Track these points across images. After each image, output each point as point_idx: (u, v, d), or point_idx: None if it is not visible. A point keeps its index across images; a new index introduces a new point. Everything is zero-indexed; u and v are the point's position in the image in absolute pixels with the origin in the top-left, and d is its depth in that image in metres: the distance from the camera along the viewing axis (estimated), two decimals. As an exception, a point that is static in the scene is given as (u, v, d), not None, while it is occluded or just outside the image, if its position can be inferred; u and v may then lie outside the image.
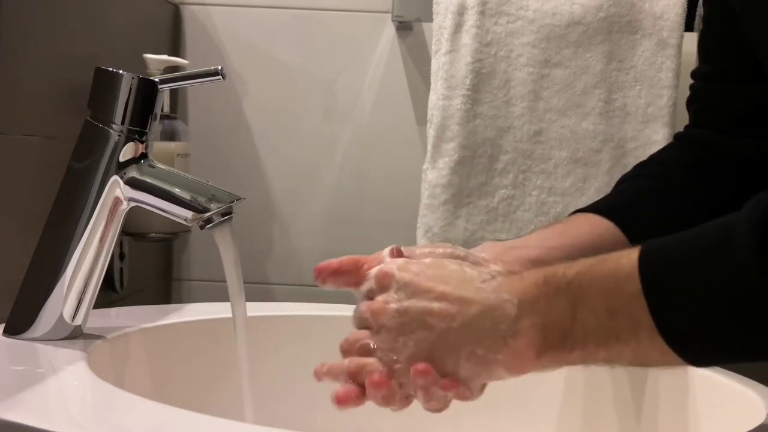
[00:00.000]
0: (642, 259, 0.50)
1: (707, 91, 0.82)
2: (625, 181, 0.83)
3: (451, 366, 0.56)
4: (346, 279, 0.64)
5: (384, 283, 0.60)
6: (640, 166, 0.84)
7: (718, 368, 0.76)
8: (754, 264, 0.44)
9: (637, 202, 0.78)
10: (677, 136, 0.85)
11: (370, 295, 0.62)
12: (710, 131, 0.81)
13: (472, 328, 0.55)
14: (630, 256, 0.50)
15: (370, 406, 0.89)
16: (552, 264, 0.55)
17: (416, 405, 0.63)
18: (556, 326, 0.53)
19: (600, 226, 0.76)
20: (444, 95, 1.06)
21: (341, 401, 0.60)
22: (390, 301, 0.58)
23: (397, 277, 0.59)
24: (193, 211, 0.72)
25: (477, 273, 0.58)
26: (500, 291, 0.55)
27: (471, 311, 0.55)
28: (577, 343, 0.52)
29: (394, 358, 0.58)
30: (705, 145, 0.80)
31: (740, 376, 0.74)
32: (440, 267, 0.59)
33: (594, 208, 0.78)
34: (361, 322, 0.61)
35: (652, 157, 0.85)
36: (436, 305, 0.56)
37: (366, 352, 0.60)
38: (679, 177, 0.79)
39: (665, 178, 0.80)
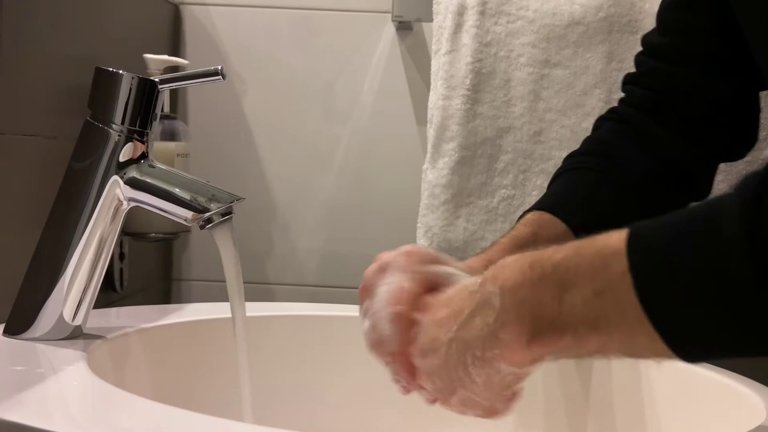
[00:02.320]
0: (630, 237, 0.48)
1: (663, 76, 0.80)
2: (567, 172, 0.81)
3: (467, 378, 0.56)
4: None
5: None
6: (582, 157, 0.82)
7: (718, 368, 0.76)
8: (739, 239, 0.43)
9: (586, 199, 0.77)
10: (624, 122, 0.82)
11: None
12: (670, 133, 0.79)
13: (467, 332, 0.55)
14: (619, 235, 0.48)
15: (370, 407, 0.89)
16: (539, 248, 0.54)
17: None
18: (543, 312, 0.51)
19: (551, 224, 0.75)
20: (444, 95, 1.06)
21: None
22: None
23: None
24: (193, 211, 0.72)
25: (470, 280, 0.58)
26: (485, 285, 0.54)
27: (462, 317, 0.55)
28: (566, 328, 0.50)
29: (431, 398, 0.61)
30: (668, 150, 0.79)
31: (740, 376, 0.74)
32: (447, 300, 0.59)
33: (544, 206, 0.77)
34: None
35: (594, 149, 0.82)
36: (438, 329, 0.57)
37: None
38: (638, 185, 0.78)
39: (620, 181, 0.78)
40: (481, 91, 1.05)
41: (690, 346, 0.47)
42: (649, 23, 1.05)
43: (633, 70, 0.83)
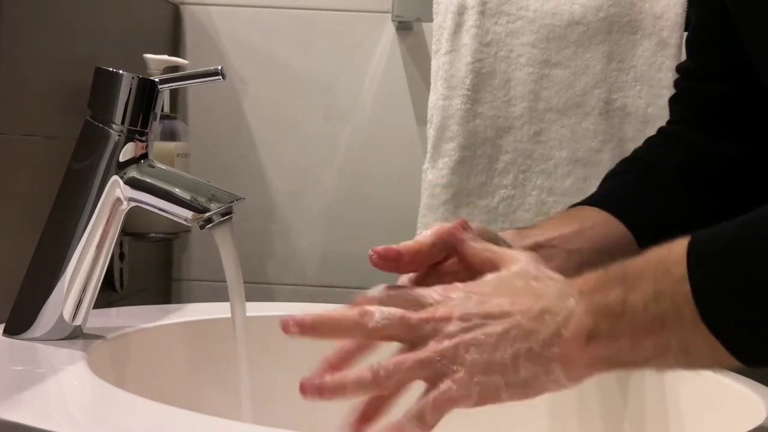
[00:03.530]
0: (690, 244, 0.50)
1: (694, 91, 0.83)
2: (614, 176, 0.83)
3: (512, 367, 0.54)
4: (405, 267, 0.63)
5: (447, 294, 0.58)
6: (627, 163, 0.84)
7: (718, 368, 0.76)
8: None
9: (633, 196, 0.78)
10: (662, 132, 0.86)
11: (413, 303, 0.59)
12: (697, 132, 0.81)
13: (532, 325, 0.54)
14: (683, 242, 0.50)
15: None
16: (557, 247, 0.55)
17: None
18: (607, 310, 0.52)
19: (600, 216, 0.76)
20: (444, 95, 1.06)
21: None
22: (454, 310, 0.56)
23: (461, 289, 0.58)
24: (193, 211, 0.72)
25: (540, 284, 0.57)
26: (565, 289, 0.55)
27: (534, 309, 0.54)
28: (625, 328, 0.51)
29: (455, 368, 0.55)
30: (692, 146, 0.81)
31: (740, 376, 0.74)
32: (506, 282, 0.58)
33: (590, 202, 0.78)
34: (410, 331, 0.57)
35: (638, 155, 0.85)
36: (497, 310, 0.55)
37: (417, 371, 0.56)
38: (669, 178, 0.80)
39: (656, 179, 0.80)
40: (481, 91, 1.05)
41: (746, 347, 0.48)
42: (649, 23, 1.06)
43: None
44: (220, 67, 0.74)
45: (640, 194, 0.79)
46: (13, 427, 0.52)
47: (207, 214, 0.72)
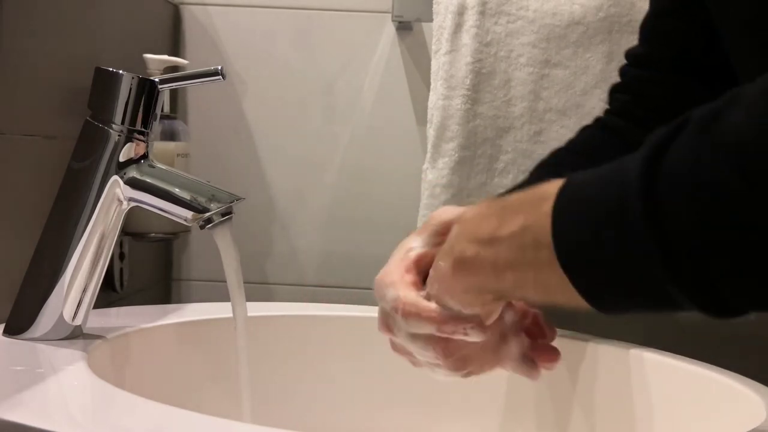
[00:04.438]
0: (564, 184, 0.50)
1: (643, 81, 0.81)
2: (546, 166, 0.82)
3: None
4: None
5: None
6: (559, 152, 0.83)
7: (718, 368, 0.76)
8: (637, 193, 0.44)
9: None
10: (601, 124, 0.84)
11: None
12: (641, 131, 0.80)
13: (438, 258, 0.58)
14: (559, 181, 0.50)
15: (370, 406, 0.89)
16: None
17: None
18: (476, 240, 0.54)
19: None
20: (444, 95, 1.06)
21: None
22: None
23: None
24: (193, 211, 0.72)
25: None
26: (456, 222, 0.58)
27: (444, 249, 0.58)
28: (489, 256, 0.53)
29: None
30: (633, 141, 0.80)
31: (740, 376, 0.74)
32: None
33: (509, 191, 0.77)
34: None
35: (574, 146, 0.83)
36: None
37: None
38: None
39: (589, 167, 0.79)
40: (481, 91, 1.05)
41: (597, 293, 0.48)
42: (649, 23, 1.06)
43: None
44: (220, 67, 0.74)
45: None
46: (13, 427, 0.52)
47: (207, 214, 0.72)
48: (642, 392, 0.80)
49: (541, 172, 0.81)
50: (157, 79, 0.75)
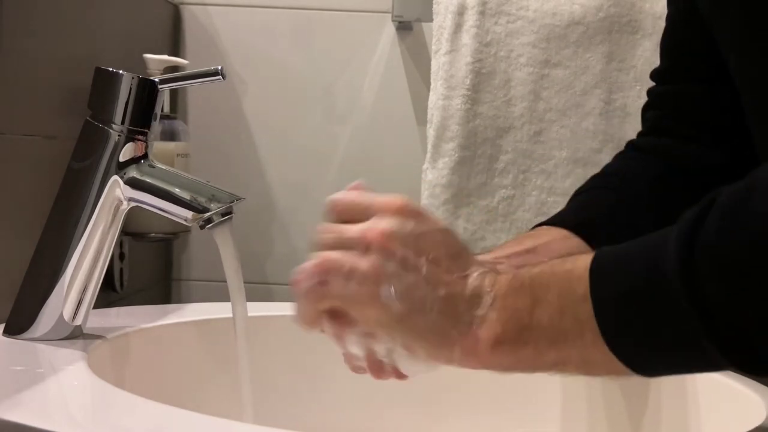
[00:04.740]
0: (593, 262, 0.51)
1: (668, 95, 0.82)
2: (582, 193, 0.82)
3: (422, 322, 0.55)
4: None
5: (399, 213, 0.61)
6: (597, 179, 0.83)
7: (718, 368, 0.76)
8: (675, 275, 0.47)
9: (603, 217, 0.78)
10: (632, 145, 0.84)
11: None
12: (671, 140, 0.80)
13: (450, 302, 0.55)
14: (586, 259, 0.52)
15: (371, 406, 0.89)
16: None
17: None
18: (516, 319, 0.54)
19: (558, 233, 0.76)
20: (444, 95, 1.06)
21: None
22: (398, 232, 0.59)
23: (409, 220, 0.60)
24: (193, 211, 0.72)
25: (470, 258, 0.58)
26: (484, 280, 0.56)
27: (456, 288, 0.55)
28: (530, 339, 0.53)
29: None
30: (666, 156, 0.80)
31: (740, 376, 0.74)
32: (449, 234, 0.59)
33: (558, 222, 0.77)
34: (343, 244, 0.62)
35: (608, 169, 0.84)
36: (430, 266, 0.56)
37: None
38: (643, 191, 0.79)
39: (628, 192, 0.79)
40: (481, 91, 1.05)
41: (645, 364, 0.51)
42: (649, 23, 1.06)
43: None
44: (220, 67, 0.74)
45: (606, 210, 0.78)
46: (13, 427, 0.52)
47: (207, 214, 0.72)
48: (641, 392, 0.80)
49: (578, 202, 0.81)
50: (157, 79, 0.75)
